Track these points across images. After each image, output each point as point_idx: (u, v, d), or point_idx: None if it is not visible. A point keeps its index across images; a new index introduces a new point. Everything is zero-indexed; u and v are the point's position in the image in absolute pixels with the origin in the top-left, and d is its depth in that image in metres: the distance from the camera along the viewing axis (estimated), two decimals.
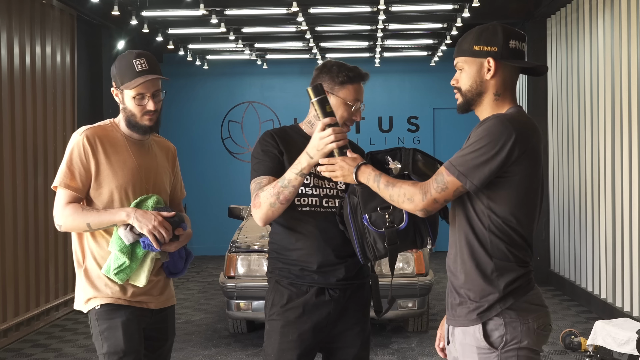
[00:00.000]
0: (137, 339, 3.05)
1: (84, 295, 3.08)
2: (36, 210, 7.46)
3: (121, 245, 2.98)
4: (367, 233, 2.85)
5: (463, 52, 2.53)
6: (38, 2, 7.62)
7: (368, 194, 2.84)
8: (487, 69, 2.49)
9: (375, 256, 2.88)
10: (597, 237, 7.71)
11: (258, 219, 2.95)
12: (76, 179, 3.00)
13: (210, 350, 6.58)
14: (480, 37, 2.50)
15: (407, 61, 12.67)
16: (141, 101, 3.05)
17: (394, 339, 6.78)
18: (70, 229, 3.04)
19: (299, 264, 3.02)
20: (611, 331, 5.56)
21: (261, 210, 2.91)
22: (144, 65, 3.04)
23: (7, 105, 6.92)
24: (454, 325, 2.52)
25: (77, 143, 3.02)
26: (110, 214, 2.98)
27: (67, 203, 3.00)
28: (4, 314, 6.78)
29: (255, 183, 2.98)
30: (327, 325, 3.04)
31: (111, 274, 3.00)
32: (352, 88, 3.04)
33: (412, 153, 2.95)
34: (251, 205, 2.97)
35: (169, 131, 12.82)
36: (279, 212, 2.92)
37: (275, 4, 8.81)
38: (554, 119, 9.29)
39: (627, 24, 6.83)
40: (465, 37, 2.55)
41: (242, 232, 6.93)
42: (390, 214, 2.80)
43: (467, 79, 2.52)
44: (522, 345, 2.40)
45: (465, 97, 2.54)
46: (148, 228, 2.95)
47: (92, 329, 3.07)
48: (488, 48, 2.49)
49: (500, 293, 2.41)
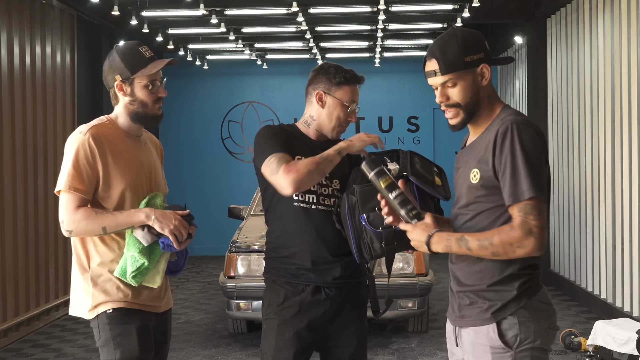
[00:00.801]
0: (150, 345, 2.96)
1: (91, 301, 2.91)
2: (36, 210, 7.46)
3: (140, 247, 2.86)
4: (364, 233, 2.86)
5: (455, 67, 2.41)
6: (38, 2, 7.61)
7: (367, 194, 2.85)
8: (481, 76, 2.44)
9: (372, 256, 2.89)
10: (597, 237, 7.71)
11: (290, 183, 2.86)
12: (84, 181, 2.85)
13: (210, 350, 6.58)
14: (466, 46, 2.41)
15: (407, 61, 12.66)
16: (154, 88, 2.97)
17: (394, 339, 6.78)
18: (82, 234, 2.89)
19: (295, 262, 3.04)
20: (611, 331, 5.56)
21: (298, 175, 2.86)
22: (150, 52, 3.00)
23: (7, 105, 6.92)
24: (463, 326, 2.48)
25: (82, 143, 2.86)
26: (127, 215, 2.85)
27: (76, 207, 2.84)
28: (4, 314, 6.78)
29: (275, 157, 2.92)
30: (323, 323, 3.05)
31: (128, 277, 2.87)
32: (349, 89, 3.10)
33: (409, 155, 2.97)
34: (281, 172, 2.87)
35: (169, 131, 12.83)
36: (310, 183, 2.92)
37: (275, 4, 8.81)
38: (554, 119, 9.28)
39: (627, 24, 6.83)
40: (446, 48, 2.42)
41: (242, 232, 6.93)
42: None
43: (464, 92, 2.43)
44: (535, 344, 2.39)
45: (467, 110, 2.45)
46: (170, 228, 2.85)
47: (100, 334, 2.92)
48: (478, 56, 2.42)
49: (515, 292, 2.39)
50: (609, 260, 7.31)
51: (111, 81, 2.98)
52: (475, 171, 2.42)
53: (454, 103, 2.45)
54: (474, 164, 2.43)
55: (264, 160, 2.95)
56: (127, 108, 2.98)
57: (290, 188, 2.87)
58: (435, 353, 6.29)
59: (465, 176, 2.47)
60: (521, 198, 2.31)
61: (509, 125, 2.36)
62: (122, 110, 3.00)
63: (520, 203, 2.31)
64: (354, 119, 3.14)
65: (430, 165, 3.02)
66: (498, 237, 2.32)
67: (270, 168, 2.92)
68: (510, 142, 2.34)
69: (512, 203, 2.33)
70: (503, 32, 11.45)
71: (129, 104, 2.98)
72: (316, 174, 2.90)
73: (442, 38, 2.45)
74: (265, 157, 2.95)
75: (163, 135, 12.79)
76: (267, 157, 2.94)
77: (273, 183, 2.93)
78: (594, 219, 7.81)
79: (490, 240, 2.32)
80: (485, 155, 2.39)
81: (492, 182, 2.39)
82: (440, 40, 2.45)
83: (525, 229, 2.30)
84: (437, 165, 3.06)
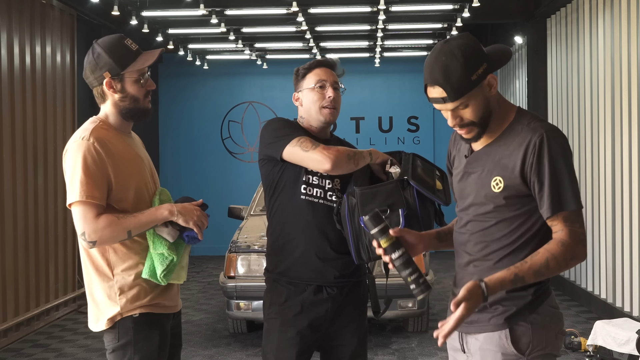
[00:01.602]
0: (166, 351, 2.91)
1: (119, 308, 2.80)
2: (36, 210, 7.46)
3: (167, 244, 2.79)
4: (363, 234, 2.86)
5: (464, 90, 2.29)
6: (38, 2, 7.61)
7: (367, 196, 2.85)
8: (489, 87, 2.35)
9: (369, 257, 2.90)
10: (597, 237, 7.71)
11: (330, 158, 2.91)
12: (99, 187, 2.72)
13: (210, 350, 6.58)
14: (469, 64, 2.27)
15: (407, 61, 12.66)
16: (144, 82, 2.87)
17: (394, 339, 6.78)
18: (107, 243, 2.76)
19: (297, 260, 3.03)
20: (611, 331, 5.56)
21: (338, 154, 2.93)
22: (135, 45, 2.89)
23: (7, 105, 6.92)
24: (472, 332, 2.42)
25: (87, 149, 2.73)
26: (150, 214, 2.77)
27: (96, 216, 2.71)
28: (4, 314, 6.78)
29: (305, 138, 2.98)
30: (325, 322, 3.05)
31: (159, 276, 2.78)
32: (312, 74, 3.14)
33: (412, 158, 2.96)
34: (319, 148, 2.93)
35: (169, 131, 12.84)
36: (346, 169, 2.98)
37: (275, 4, 8.81)
38: (554, 119, 9.28)
39: (627, 24, 6.83)
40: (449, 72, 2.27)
41: (242, 232, 6.93)
42: (388, 217, 2.81)
43: (477, 109, 2.34)
44: (546, 351, 2.35)
45: (482, 124, 2.36)
46: (194, 220, 2.81)
47: (119, 337, 2.81)
48: (482, 69, 2.31)
49: (531, 297, 2.35)
50: (609, 260, 7.31)
51: (97, 79, 2.86)
52: (498, 179, 2.35)
53: (468, 122, 2.36)
54: (496, 172, 2.35)
55: (289, 142, 2.97)
56: (118, 105, 2.87)
57: (329, 163, 2.90)
58: (435, 353, 6.29)
59: (484, 183, 2.38)
60: (566, 208, 2.28)
61: (544, 134, 2.29)
62: (112, 109, 2.88)
63: (564, 213, 2.28)
64: (333, 94, 3.11)
65: (432, 168, 3.02)
66: (552, 258, 2.26)
67: (302, 146, 2.94)
68: (548, 152, 2.28)
69: (555, 213, 2.28)
70: (503, 32, 11.45)
71: (120, 101, 2.86)
72: (352, 162, 2.97)
73: (440, 60, 2.29)
74: (291, 139, 2.98)
75: (163, 135, 12.80)
76: (295, 138, 2.97)
77: (306, 159, 2.94)
78: (593, 219, 7.81)
79: (546, 265, 2.26)
80: (511, 163, 2.32)
81: (517, 191, 2.33)
82: (440, 63, 2.29)
83: (576, 240, 2.28)
84: (440, 168, 3.05)
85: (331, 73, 3.15)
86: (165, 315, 2.91)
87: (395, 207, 2.85)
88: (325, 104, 3.09)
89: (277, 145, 2.99)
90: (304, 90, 3.13)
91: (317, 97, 3.09)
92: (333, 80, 3.13)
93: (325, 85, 3.10)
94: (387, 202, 2.85)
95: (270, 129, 3.08)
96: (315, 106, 3.09)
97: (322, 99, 3.09)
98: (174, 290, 2.97)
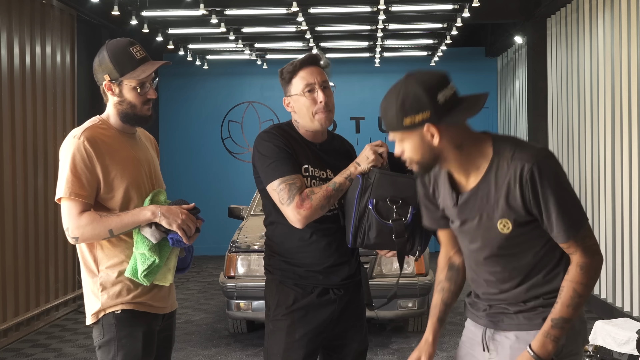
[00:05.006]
0: (152, 351, 2.92)
1: (100, 304, 2.86)
2: (36, 210, 7.46)
3: (149, 245, 2.81)
4: (366, 218, 2.83)
5: (393, 127, 2.22)
6: (38, 2, 7.62)
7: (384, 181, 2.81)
8: (431, 136, 2.21)
9: (363, 242, 2.86)
10: (597, 238, 7.72)
11: (301, 220, 2.83)
12: (84, 186, 2.77)
13: (210, 350, 6.58)
14: (404, 107, 2.17)
15: (407, 61, 12.65)
16: (143, 90, 2.88)
17: (394, 339, 6.78)
18: (88, 240, 2.82)
19: (305, 265, 3.00)
20: (611, 331, 5.56)
21: (313, 213, 2.83)
22: (141, 52, 2.89)
23: (7, 105, 6.92)
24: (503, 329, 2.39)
25: (77, 148, 2.78)
26: (133, 215, 2.79)
27: (79, 213, 2.77)
28: (4, 314, 6.78)
29: (286, 183, 2.84)
30: (331, 323, 3.04)
31: (140, 276, 2.82)
32: (298, 77, 2.97)
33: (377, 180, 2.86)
34: (293, 206, 2.82)
35: (169, 131, 12.84)
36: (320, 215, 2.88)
37: (275, 4, 8.81)
38: (554, 119, 9.28)
39: (627, 24, 6.83)
40: (387, 107, 2.21)
41: (242, 232, 6.93)
42: (399, 207, 2.79)
43: (414, 151, 2.25)
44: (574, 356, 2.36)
45: (423, 166, 2.29)
46: (177, 223, 2.81)
47: (104, 334, 2.86)
48: (420, 116, 2.17)
49: None
50: (609, 260, 7.31)
51: (99, 79, 2.91)
52: (505, 221, 2.29)
53: (408, 158, 2.29)
54: (498, 214, 2.29)
55: (271, 182, 2.87)
56: (116, 108, 2.91)
57: (300, 224, 2.84)
58: (436, 353, 6.28)
59: (488, 228, 2.33)
60: (577, 229, 2.26)
61: (532, 166, 2.21)
62: (113, 110, 2.93)
63: (577, 234, 2.27)
64: (325, 97, 2.95)
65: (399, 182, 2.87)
66: (578, 285, 2.27)
67: (280, 196, 2.85)
68: (541, 182, 2.22)
69: (570, 238, 2.26)
70: (503, 32, 11.45)
71: (118, 104, 2.90)
72: (327, 206, 2.87)
73: (389, 92, 2.25)
74: (272, 179, 2.87)
75: (163, 135, 12.79)
76: (276, 179, 2.86)
77: (282, 211, 2.87)
78: (593, 219, 7.82)
79: (576, 294, 2.26)
80: (511, 202, 2.26)
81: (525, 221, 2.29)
82: (389, 94, 2.24)
83: (592, 254, 2.28)
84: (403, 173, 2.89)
85: (318, 72, 2.97)
86: (153, 315, 2.93)
87: (408, 202, 2.79)
88: (317, 110, 2.95)
89: (263, 176, 2.92)
90: (292, 95, 2.99)
91: (308, 103, 2.94)
92: (321, 80, 2.96)
93: (314, 88, 2.94)
94: (402, 195, 2.79)
95: (258, 150, 2.97)
96: (308, 113, 2.95)
97: (314, 104, 2.94)
98: (164, 291, 2.98)
